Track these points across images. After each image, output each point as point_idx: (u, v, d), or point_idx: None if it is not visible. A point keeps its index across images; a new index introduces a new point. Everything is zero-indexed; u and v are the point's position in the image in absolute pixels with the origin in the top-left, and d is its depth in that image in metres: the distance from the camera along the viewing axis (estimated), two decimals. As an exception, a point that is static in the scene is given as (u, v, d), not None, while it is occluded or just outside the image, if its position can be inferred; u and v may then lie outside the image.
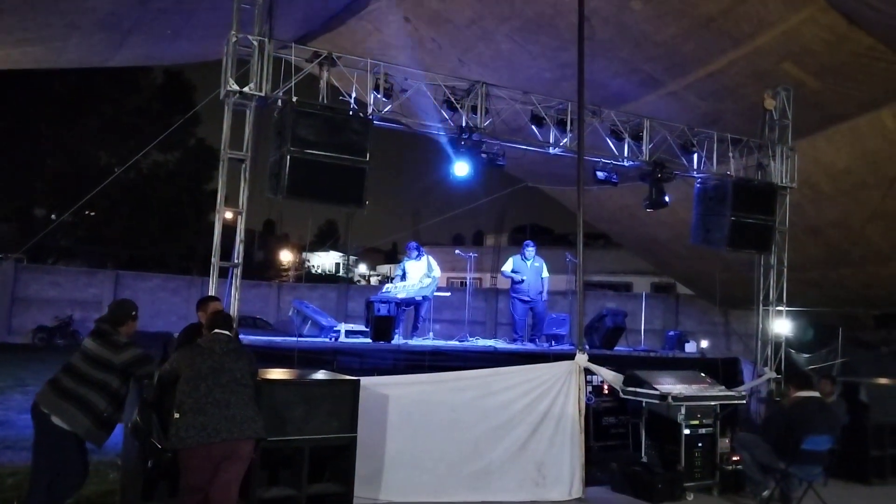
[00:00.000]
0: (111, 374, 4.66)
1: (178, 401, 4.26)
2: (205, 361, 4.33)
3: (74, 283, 23.81)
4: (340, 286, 29.61)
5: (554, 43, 11.05)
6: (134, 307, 4.97)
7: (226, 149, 6.61)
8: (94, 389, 4.62)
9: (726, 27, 10.02)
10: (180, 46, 11.72)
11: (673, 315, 25.52)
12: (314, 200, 7.07)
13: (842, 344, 16.41)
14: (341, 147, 6.88)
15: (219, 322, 4.58)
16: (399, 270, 10.54)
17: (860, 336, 20.26)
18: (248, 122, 6.84)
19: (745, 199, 9.22)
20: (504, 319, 26.37)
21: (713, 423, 7.17)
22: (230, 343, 4.50)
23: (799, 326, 22.90)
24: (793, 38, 9.99)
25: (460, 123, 7.88)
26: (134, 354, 4.71)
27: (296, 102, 6.75)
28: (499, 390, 6.76)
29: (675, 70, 11.19)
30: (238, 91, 6.62)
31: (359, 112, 7.13)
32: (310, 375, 5.47)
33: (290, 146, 6.65)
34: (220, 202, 6.68)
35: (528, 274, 10.78)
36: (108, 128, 28.55)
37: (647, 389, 7.06)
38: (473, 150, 7.67)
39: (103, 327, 4.79)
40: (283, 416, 4.95)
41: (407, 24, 11.95)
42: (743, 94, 11.33)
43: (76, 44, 10.49)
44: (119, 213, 28.96)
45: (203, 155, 31.86)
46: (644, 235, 18.35)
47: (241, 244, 6.68)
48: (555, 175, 17.14)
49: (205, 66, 11.92)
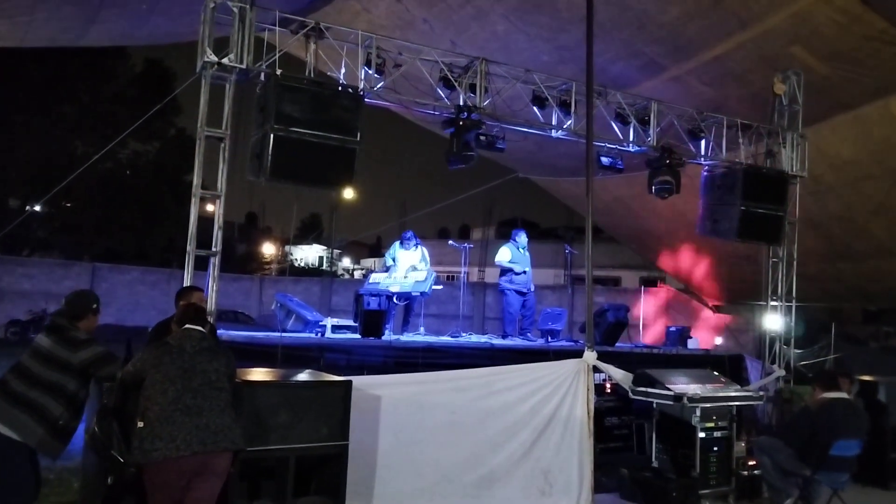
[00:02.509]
0: (68, 375, 4.05)
1: (142, 407, 3.68)
2: (174, 362, 3.74)
3: (49, 276, 23.01)
4: (324, 280, 28.96)
5: (553, 24, 10.51)
6: (95, 299, 4.37)
7: (202, 126, 6.02)
8: (47, 393, 4.01)
9: (734, 8, 9.56)
10: (157, 24, 11.03)
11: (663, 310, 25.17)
12: (299, 183, 6.49)
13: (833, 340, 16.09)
14: (329, 125, 6.31)
15: (190, 316, 3.99)
16: (389, 260, 9.94)
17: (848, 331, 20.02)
18: (227, 97, 6.23)
19: (756, 188, 8.74)
20: (492, 314, 25.91)
21: (729, 426, 6.67)
22: (203, 340, 3.91)
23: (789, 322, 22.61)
24: (804, 19, 9.55)
25: (457, 103, 7.31)
26: (94, 353, 4.10)
27: (280, 76, 6.15)
28: (501, 390, 6.22)
29: (679, 54, 10.70)
30: (216, 62, 6.01)
31: (349, 87, 6.53)
32: (295, 376, 4.89)
33: (273, 124, 6.07)
34: (196, 184, 6.07)
35: (525, 264, 10.24)
36: (84, 116, 27.69)
37: (659, 389, 6.55)
38: (472, 131, 7.09)
39: (59, 322, 4.18)
40: (265, 423, 4.38)
41: (397, 4, 11.36)
42: (749, 80, 10.87)
43: (44, 19, 9.79)
44: (96, 204, 28.08)
45: (183, 145, 31.03)
46: (639, 228, 17.91)
47: (220, 231, 6.08)
48: (547, 165, 16.65)
49: (185, 53, 11.25)
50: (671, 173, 8.29)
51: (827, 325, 16.81)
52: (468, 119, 7.06)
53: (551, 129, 7.98)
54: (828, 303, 17.84)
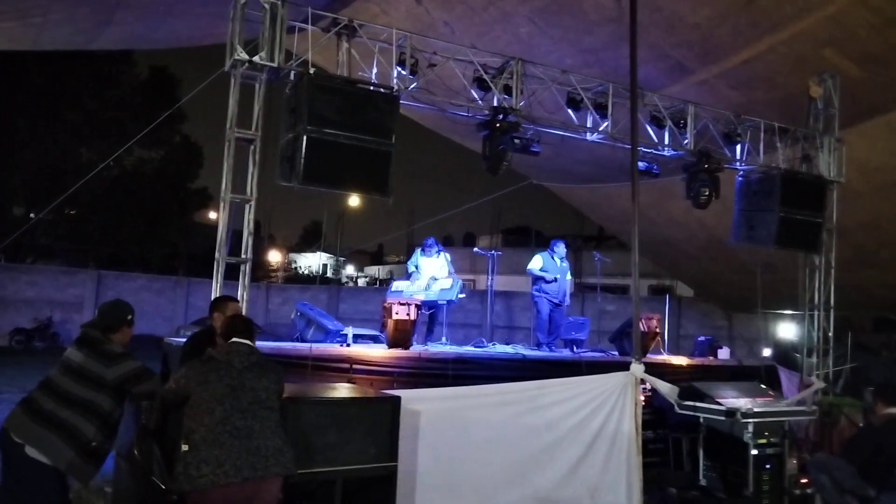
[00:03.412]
0: (102, 392, 3.74)
1: (186, 429, 3.37)
2: (221, 379, 3.43)
3: (54, 283, 22.69)
4: (332, 288, 28.65)
5: (578, 26, 10.24)
6: (130, 310, 4.06)
7: (232, 127, 5.71)
8: (79, 412, 3.70)
9: (768, 9, 9.29)
10: (172, 27, 10.78)
11: (675, 318, 24.84)
12: (333, 187, 6.19)
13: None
14: (364, 127, 6.01)
15: (238, 328, 3.68)
16: (412, 267, 9.63)
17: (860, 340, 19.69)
18: (257, 97, 5.94)
19: (794, 194, 8.46)
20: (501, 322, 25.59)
21: (780, 442, 6.35)
22: (252, 355, 3.61)
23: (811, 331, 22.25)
24: (838, 21, 9.29)
25: (491, 104, 7.02)
26: (131, 368, 3.79)
27: (314, 74, 5.86)
28: (546, 405, 5.89)
29: (707, 56, 10.43)
30: (248, 60, 5.72)
31: (384, 88, 6.24)
32: (337, 391, 4.58)
33: (306, 125, 5.76)
34: (224, 186, 5.77)
35: (559, 274, 9.94)
36: (89, 123, 27.44)
37: (708, 404, 6.24)
38: (508, 133, 6.80)
39: (92, 334, 3.87)
40: (311, 443, 4.05)
41: (417, 6, 11.11)
42: (777, 84, 10.59)
43: (57, 20, 9.52)
44: (101, 211, 27.79)
45: (188, 152, 30.82)
46: (655, 236, 17.59)
47: (251, 237, 5.79)
48: (563, 172, 16.37)
49: (191, 60, 10.93)
50: (710, 179, 7.98)
51: (837, 335, 16.48)
52: (505, 121, 6.77)
53: (586, 132, 7.68)
54: (839, 311, 17.56)
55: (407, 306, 7.67)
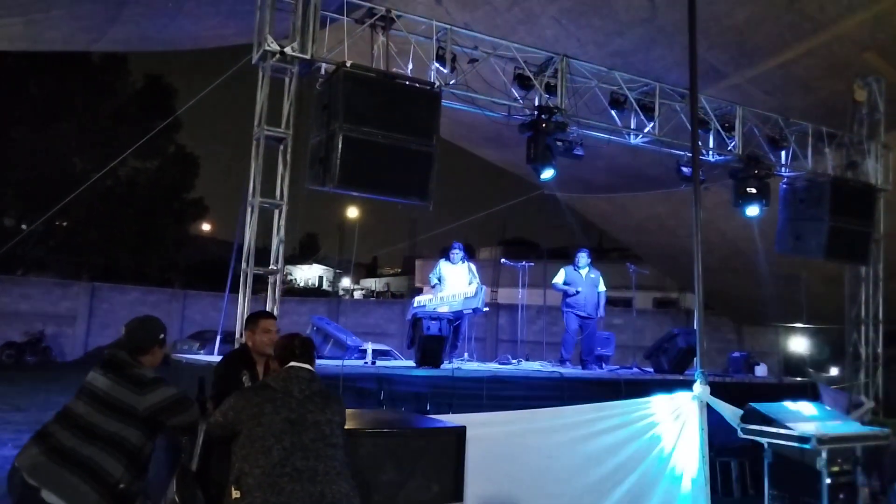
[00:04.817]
0: (131, 424, 3.18)
1: (237, 471, 2.82)
2: (279, 411, 2.88)
3: (47, 296, 22.01)
4: (331, 300, 28.06)
5: (608, 27, 9.77)
6: (162, 328, 3.50)
7: (262, 124, 5.19)
8: (105, 449, 3.14)
9: (809, 10, 8.87)
10: (181, 26, 10.24)
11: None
12: (371, 192, 5.63)
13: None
14: (404, 126, 5.51)
15: (296, 350, 3.13)
16: (434, 279, 9.09)
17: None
18: (287, 91, 5.42)
19: (844, 202, 8.00)
20: (505, 336, 25.08)
21: (853, 469, 5.84)
22: (314, 382, 3.06)
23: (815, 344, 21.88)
24: (882, 23, 8.89)
25: (534, 104, 6.53)
26: (166, 396, 3.22)
27: (351, 67, 5.35)
28: (604, 430, 5.38)
29: (743, 60, 9.99)
30: (279, 51, 5.20)
31: (426, 84, 5.74)
32: (394, 420, 4.04)
33: (342, 122, 5.24)
34: (252, 188, 5.24)
35: (583, 286, 9.43)
36: (83, 132, 26.82)
37: (777, 428, 5.71)
38: (554, 134, 6.31)
39: (119, 356, 3.30)
40: (366, 482, 3.50)
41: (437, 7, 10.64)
42: (813, 88, 10.16)
43: (60, 16, 8.99)
44: (94, 223, 27.14)
45: (183, 162, 30.26)
46: (673, 247, 17.12)
47: (282, 245, 5.24)
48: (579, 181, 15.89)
49: (186, 70, 10.39)
50: (759, 185, 7.51)
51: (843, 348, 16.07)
52: (550, 121, 6.27)
53: (630, 135, 7.19)
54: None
55: (438, 321, 7.14)
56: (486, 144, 14.73)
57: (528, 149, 6.46)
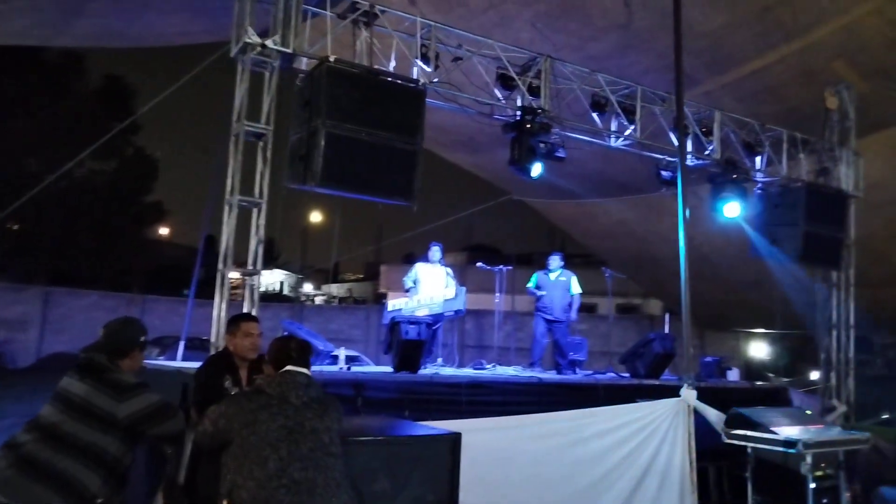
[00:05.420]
0: (110, 434, 2.96)
1: (229, 482, 2.63)
2: (275, 418, 2.70)
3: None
4: (294, 306, 27.63)
5: (583, 31, 9.75)
6: (143, 330, 3.29)
7: (241, 119, 4.98)
8: (81, 460, 2.91)
9: (783, 18, 8.99)
10: (147, 22, 9.92)
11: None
12: (354, 191, 5.44)
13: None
14: (388, 123, 5.35)
15: (293, 354, 2.94)
16: (409, 282, 8.92)
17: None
18: (268, 86, 5.22)
19: (818, 208, 8.08)
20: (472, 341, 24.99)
21: (836, 474, 5.85)
22: (311, 388, 2.88)
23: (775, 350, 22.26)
24: (852, 32, 9.04)
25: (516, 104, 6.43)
26: (149, 403, 3.01)
27: (335, 61, 5.17)
28: (591, 437, 5.29)
29: (716, 66, 10.07)
30: (260, 44, 5.00)
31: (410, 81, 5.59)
32: (386, 426, 3.87)
33: (325, 118, 5.06)
34: (230, 186, 5.02)
35: (550, 289, 9.37)
36: (38, 131, 25.99)
37: (762, 433, 5.68)
38: (538, 135, 6.21)
39: (97, 360, 3.08)
40: (361, 492, 3.33)
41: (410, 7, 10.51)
42: (783, 96, 10.31)
43: (20, 8, 8.62)
44: (49, 225, 26.30)
45: (142, 165, 29.58)
46: (640, 253, 17.25)
47: (261, 245, 5.03)
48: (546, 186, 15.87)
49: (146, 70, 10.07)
50: (736, 190, 7.54)
51: (804, 355, 16.43)
52: (535, 122, 6.18)
53: (611, 137, 7.15)
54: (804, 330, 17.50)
55: (417, 325, 6.97)
56: (457, 148, 14.62)
57: (512, 150, 6.36)
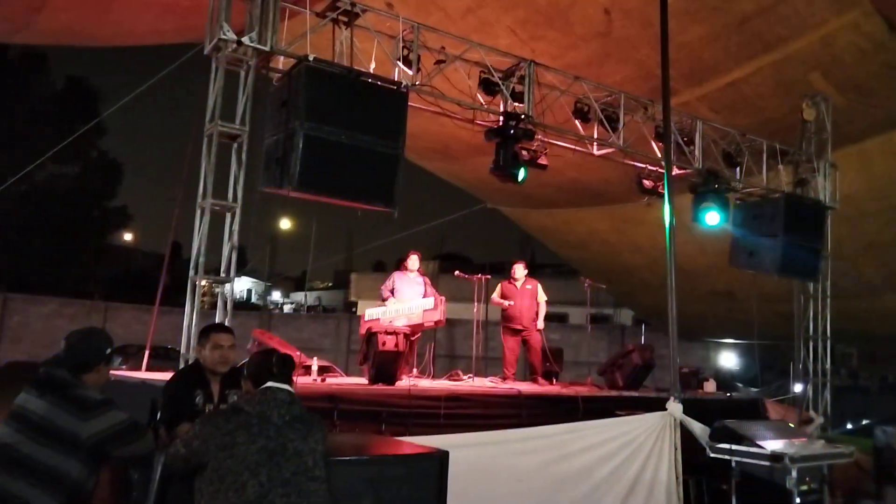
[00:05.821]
0: (73, 455, 2.71)
1: (204, 510, 2.40)
2: (254, 440, 2.48)
3: (-49, 308, 20.47)
4: (262, 314, 27.18)
5: (563, 40, 9.65)
6: (109, 341, 3.05)
7: (216, 120, 4.74)
8: (38, 485, 2.65)
9: (760, 30, 9.00)
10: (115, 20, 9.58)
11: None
12: (332, 196, 5.22)
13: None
14: (368, 126, 5.15)
15: (274, 369, 2.71)
16: (387, 291, 8.69)
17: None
18: (244, 85, 5.00)
19: (796, 219, 8.06)
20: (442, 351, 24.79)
21: (820, 488, 5.77)
22: (293, 406, 2.65)
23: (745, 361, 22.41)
24: (828, 44, 9.09)
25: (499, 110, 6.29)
26: (115, 421, 2.76)
27: (314, 61, 4.97)
28: (576, 452, 5.13)
29: (693, 77, 10.05)
30: (236, 41, 4.78)
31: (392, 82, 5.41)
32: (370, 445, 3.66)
33: (304, 120, 4.85)
34: (202, 189, 4.78)
35: (517, 298, 9.20)
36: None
37: (747, 447, 5.58)
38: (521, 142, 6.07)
39: (58, 375, 2.83)
40: (344, 516, 3.12)
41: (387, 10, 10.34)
42: (759, 107, 10.33)
43: (-21, 2, 8.26)
44: (7, 230, 25.54)
45: (106, 169, 28.94)
46: (614, 263, 17.22)
47: (235, 251, 4.79)
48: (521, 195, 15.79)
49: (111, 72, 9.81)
50: (718, 200, 7.48)
51: (771, 364, 16.53)
52: (519, 128, 6.03)
53: (594, 145, 7.04)
54: (772, 340, 17.63)
55: (395, 336, 6.76)
56: (431, 156, 14.45)
57: (497, 156, 6.21)
